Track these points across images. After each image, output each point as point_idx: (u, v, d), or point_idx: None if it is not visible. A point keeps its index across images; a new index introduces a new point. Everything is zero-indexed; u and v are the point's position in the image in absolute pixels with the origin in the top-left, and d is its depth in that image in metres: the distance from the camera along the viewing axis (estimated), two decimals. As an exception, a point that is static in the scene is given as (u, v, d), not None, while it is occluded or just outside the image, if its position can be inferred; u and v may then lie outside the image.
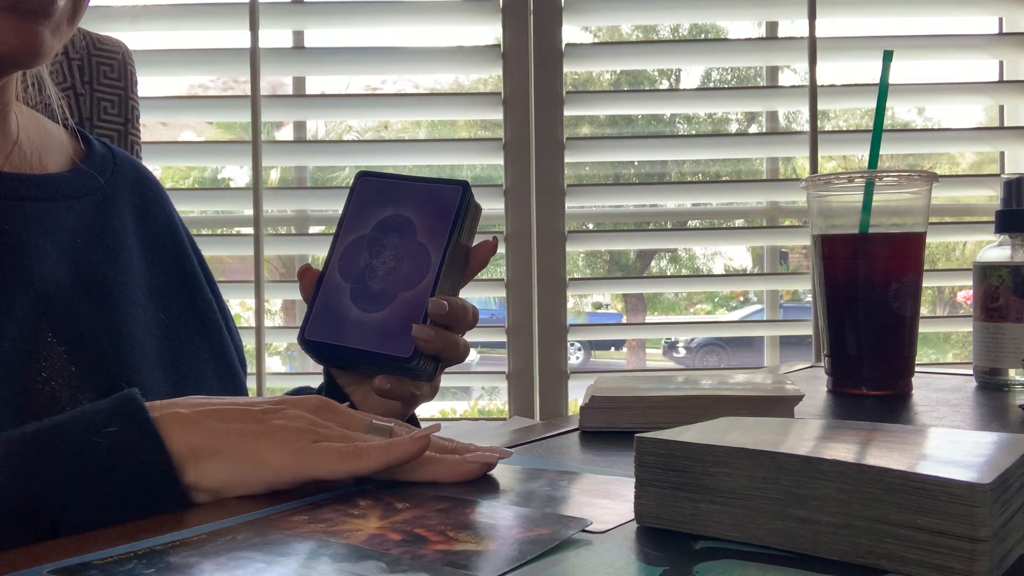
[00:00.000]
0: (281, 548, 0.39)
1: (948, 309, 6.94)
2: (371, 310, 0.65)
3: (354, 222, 0.67)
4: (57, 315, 0.60)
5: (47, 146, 0.69)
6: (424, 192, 0.67)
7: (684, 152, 1.71)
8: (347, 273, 0.66)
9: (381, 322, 0.64)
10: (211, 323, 0.73)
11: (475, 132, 4.86)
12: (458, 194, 0.66)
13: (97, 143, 0.73)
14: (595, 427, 0.66)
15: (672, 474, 0.40)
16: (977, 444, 0.43)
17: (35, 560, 0.38)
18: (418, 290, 0.64)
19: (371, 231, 0.67)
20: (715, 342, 9.08)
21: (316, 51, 1.52)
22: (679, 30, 6.58)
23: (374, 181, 0.68)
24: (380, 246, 0.66)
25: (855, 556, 0.36)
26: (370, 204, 0.68)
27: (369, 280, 0.65)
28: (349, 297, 0.65)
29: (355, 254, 0.66)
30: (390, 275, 0.65)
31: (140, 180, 0.75)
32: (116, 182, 0.71)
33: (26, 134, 0.67)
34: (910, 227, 0.81)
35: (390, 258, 0.66)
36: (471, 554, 0.37)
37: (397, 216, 0.67)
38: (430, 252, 0.65)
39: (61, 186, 0.66)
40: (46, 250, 0.62)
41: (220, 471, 0.46)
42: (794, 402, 0.65)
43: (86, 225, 0.66)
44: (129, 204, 0.71)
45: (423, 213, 0.66)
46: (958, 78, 1.49)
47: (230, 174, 5.55)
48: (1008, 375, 0.83)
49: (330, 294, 0.66)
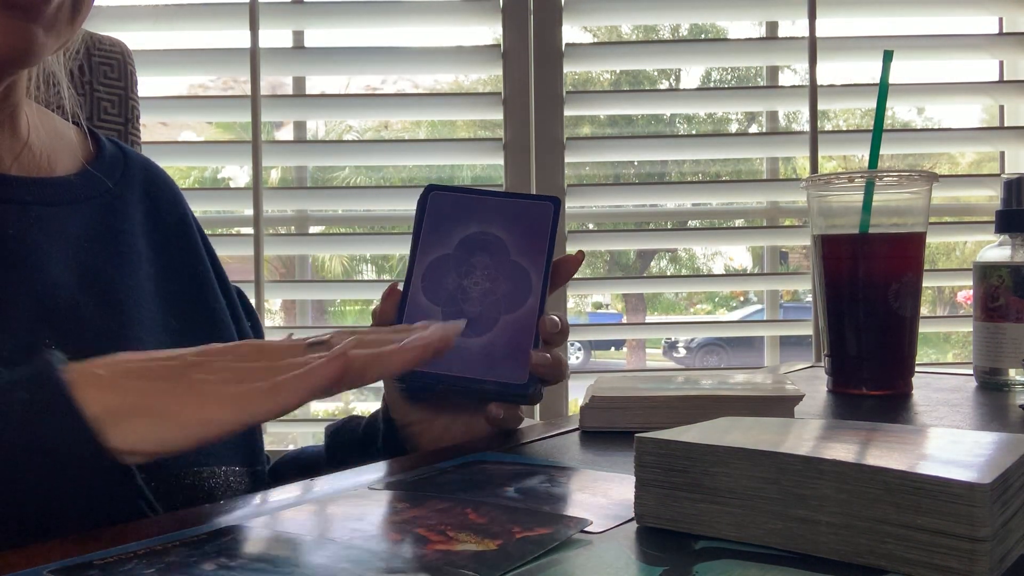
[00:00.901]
0: (281, 548, 0.39)
1: (948, 309, 6.94)
2: (471, 335, 0.61)
3: (432, 240, 0.63)
4: (61, 320, 0.59)
5: (57, 147, 0.68)
6: (511, 208, 0.64)
7: (684, 152, 1.71)
8: (435, 295, 0.62)
9: (486, 348, 0.61)
10: (224, 326, 0.71)
11: (475, 132, 4.86)
12: (550, 210, 0.63)
13: (108, 143, 0.73)
14: (595, 427, 0.66)
15: (672, 474, 0.40)
16: (977, 444, 0.43)
17: (35, 560, 0.38)
18: (523, 312, 0.61)
19: (455, 250, 0.63)
20: (715, 342, 9.09)
21: (316, 51, 1.52)
22: (679, 30, 6.58)
23: (447, 196, 0.65)
24: (469, 266, 0.63)
25: (855, 556, 0.36)
26: (448, 220, 0.64)
27: (463, 303, 0.62)
28: (443, 321, 0.62)
29: (441, 275, 0.63)
30: (486, 297, 0.62)
31: (151, 180, 0.73)
32: (126, 183, 0.70)
33: (36, 135, 0.66)
34: (910, 227, 0.81)
35: (482, 278, 0.62)
36: (471, 554, 0.37)
37: (484, 234, 0.63)
38: (529, 272, 0.62)
39: (68, 189, 0.65)
40: (51, 255, 0.61)
41: (143, 431, 0.44)
42: (794, 402, 0.65)
43: (93, 228, 0.65)
44: (139, 205, 0.70)
45: (513, 230, 0.63)
46: (958, 78, 1.49)
47: (230, 174, 5.55)
48: (1008, 375, 0.83)
49: (419, 319, 0.61)
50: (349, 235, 1.61)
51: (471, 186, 0.65)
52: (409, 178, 4.66)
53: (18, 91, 0.64)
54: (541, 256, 0.63)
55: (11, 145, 0.64)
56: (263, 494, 0.50)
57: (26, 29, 0.55)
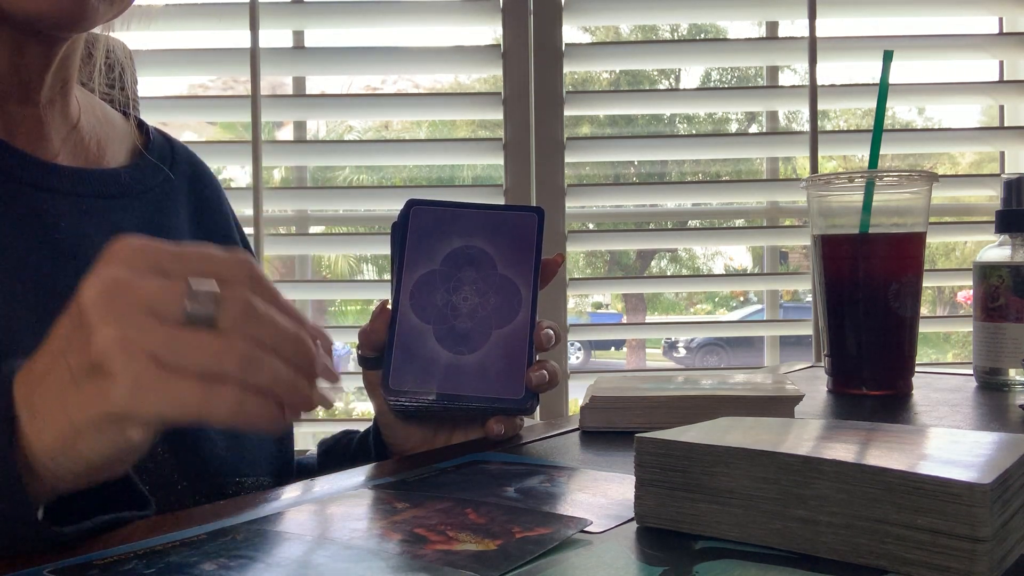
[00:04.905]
0: (281, 548, 0.39)
1: (948, 309, 6.94)
2: (464, 351, 0.60)
3: (417, 256, 0.63)
4: None
5: (109, 136, 0.67)
6: (496, 220, 0.63)
7: (684, 152, 1.71)
8: (424, 313, 0.61)
9: (480, 364, 0.60)
10: None
11: (475, 132, 4.86)
12: (535, 221, 0.63)
13: (156, 134, 0.72)
14: (595, 427, 0.66)
15: (672, 474, 0.40)
16: (977, 444, 0.43)
17: (35, 560, 0.38)
18: (515, 326, 0.61)
19: (441, 265, 0.62)
20: (715, 342, 9.09)
21: (316, 51, 1.52)
22: (679, 30, 6.58)
23: (429, 210, 0.64)
24: (457, 281, 0.62)
25: (855, 556, 0.36)
26: (431, 235, 0.63)
27: (454, 319, 0.61)
28: (434, 339, 0.61)
29: (429, 291, 0.62)
30: (476, 312, 0.61)
31: (197, 175, 0.73)
32: (174, 179, 0.70)
33: (87, 119, 0.66)
34: (910, 227, 0.81)
35: (471, 293, 0.62)
36: (471, 554, 0.37)
37: (469, 248, 0.63)
38: (518, 285, 0.62)
39: (121, 182, 0.65)
40: (103, 248, 0.61)
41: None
42: (794, 402, 0.65)
43: (144, 225, 0.65)
44: (186, 202, 0.70)
45: (499, 243, 0.63)
46: (958, 78, 1.49)
47: (230, 174, 5.55)
48: (1008, 375, 0.83)
49: (410, 337, 0.61)
50: (349, 235, 1.61)
51: (453, 200, 0.64)
52: (409, 178, 4.66)
53: (71, 67, 0.62)
54: (528, 268, 0.62)
55: (61, 126, 0.63)
56: (263, 494, 0.50)
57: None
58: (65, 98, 0.63)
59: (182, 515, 0.45)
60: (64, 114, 0.64)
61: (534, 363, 0.61)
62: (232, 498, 0.59)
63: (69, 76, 0.63)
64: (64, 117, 0.64)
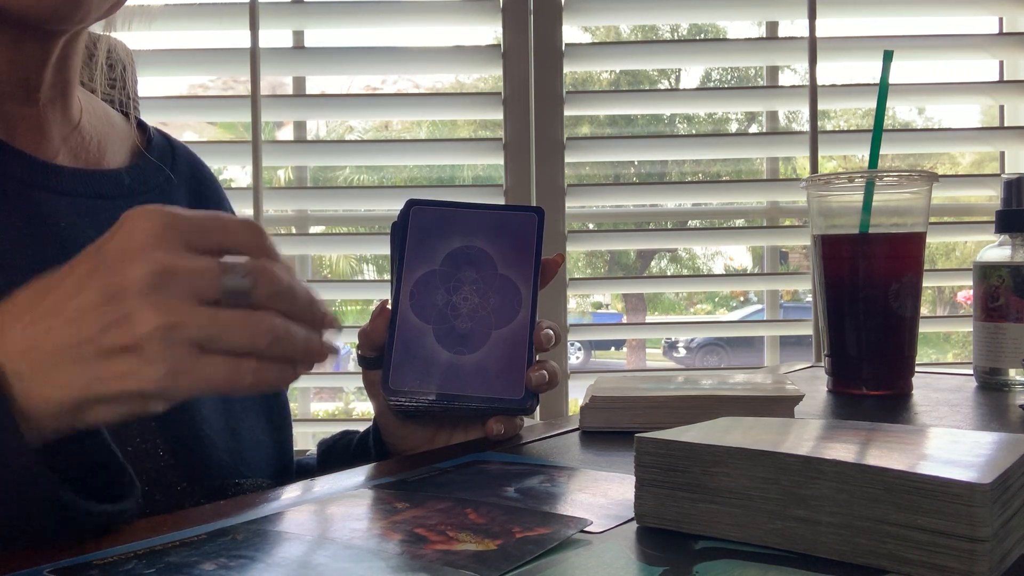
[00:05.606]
0: (281, 548, 0.39)
1: (948, 309, 6.95)
2: (464, 351, 0.60)
3: (417, 256, 0.62)
4: None
5: (110, 137, 0.67)
6: (496, 220, 0.63)
7: (684, 152, 1.71)
8: (424, 313, 0.61)
9: (480, 364, 0.60)
10: None
11: (475, 132, 4.86)
12: (535, 221, 0.63)
13: (156, 134, 0.72)
14: (595, 427, 0.66)
15: (672, 474, 0.40)
16: (977, 444, 0.43)
17: (35, 560, 0.38)
18: (515, 327, 0.61)
19: (441, 265, 0.62)
20: (715, 342, 9.09)
21: (316, 51, 1.52)
22: (679, 30, 6.58)
23: (429, 210, 0.64)
24: (457, 281, 0.62)
25: (855, 556, 0.36)
26: (432, 235, 0.63)
27: (454, 319, 0.61)
28: (434, 339, 0.61)
29: (428, 291, 0.62)
30: (476, 312, 0.61)
31: (197, 178, 0.73)
32: (174, 179, 0.69)
33: (88, 119, 0.66)
34: (910, 227, 0.81)
35: (471, 294, 0.62)
36: (471, 554, 0.37)
37: (469, 248, 0.63)
38: (518, 285, 0.62)
39: (121, 183, 0.65)
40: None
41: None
42: (794, 402, 0.65)
43: None
44: (186, 202, 0.70)
45: (499, 243, 0.63)
46: (958, 78, 1.49)
47: (230, 174, 5.55)
48: (1008, 375, 0.83)
49: (410, 337, 0.61)
50: (350, 235, 1.61)
51: (453, 200, 0.64)
52: (410, 178, 4.66)
53: (72, 68, 0.62)
54: (528, 268, 0.62)
55: (62, 126, 0.63)
56: (263, 494, 0.50)
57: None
58: (66, 98, 0.63)
59: (182, 515, 0.45)
60: (65, 114, 0.63)
61: (534, 363, 0.61)
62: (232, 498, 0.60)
63: (71, 77, 0.63)
64: (65, 117, 0.63)
